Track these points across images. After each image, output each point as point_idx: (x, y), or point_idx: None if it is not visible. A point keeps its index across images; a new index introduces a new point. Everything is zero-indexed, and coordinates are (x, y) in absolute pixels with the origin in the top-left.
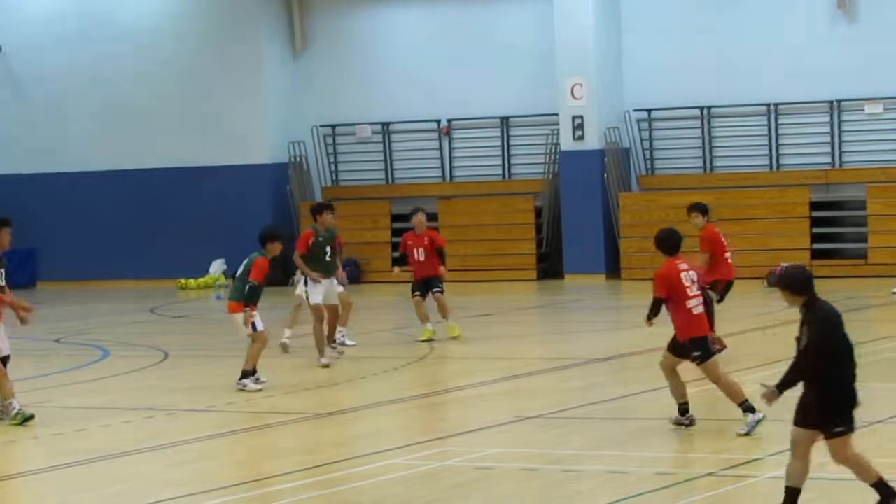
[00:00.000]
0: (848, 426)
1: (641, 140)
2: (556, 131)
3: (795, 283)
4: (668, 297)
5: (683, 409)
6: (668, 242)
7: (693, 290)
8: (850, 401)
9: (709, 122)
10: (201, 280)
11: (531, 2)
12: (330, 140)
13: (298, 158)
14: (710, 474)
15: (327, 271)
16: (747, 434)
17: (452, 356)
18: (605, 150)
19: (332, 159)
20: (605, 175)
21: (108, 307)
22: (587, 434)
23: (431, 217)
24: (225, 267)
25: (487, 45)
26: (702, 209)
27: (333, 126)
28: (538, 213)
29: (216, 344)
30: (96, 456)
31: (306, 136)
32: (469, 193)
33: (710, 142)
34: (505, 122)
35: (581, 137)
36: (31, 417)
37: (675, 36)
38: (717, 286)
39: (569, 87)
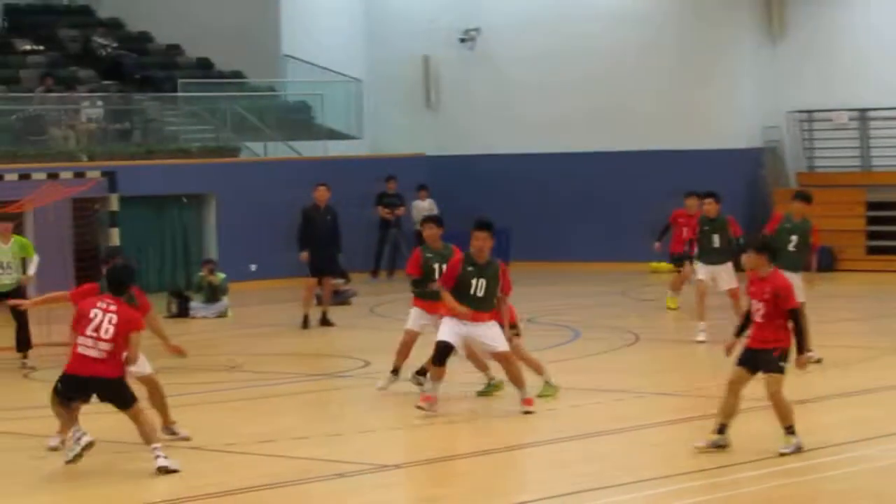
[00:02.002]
0: None
1: None
2: None
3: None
4: None
5: None
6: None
7: None
8: None
9: None
10: (672, 264)
11: None
12: (805, 126)
13: (773, 144)
14: None
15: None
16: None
17: None
18: None
19: (807, 145)
20: None
21: (580, 289)
22: None
23: None
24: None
25: None
26: None
27: (809, 112)
28: None
29: (685, 329)
30: (565, 436)
31: (781, 121)
32: None
33: None
34: None
35: None
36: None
37: None
38: None
39: None
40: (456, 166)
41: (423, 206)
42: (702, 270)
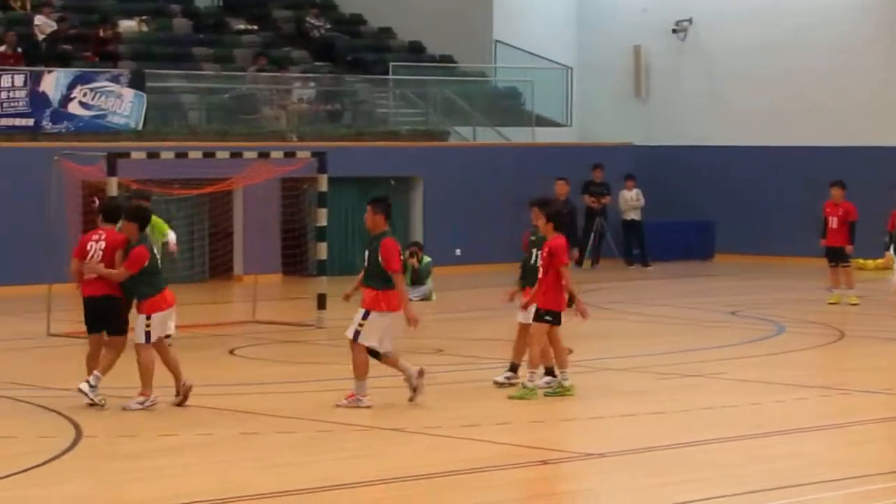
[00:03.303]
0: None
1: None
2: None
3: None
4: None
5: None
6: None
7: None
8: None
9: None
10: (879, 261)
11: None
12: None
13: None
14: None
15: None
16: None
17: None
18: None
19: None
20: None
21: (785, 283)
22: None
23: None
24: None
25: None
26: None
27: None
28: None
29: (891, 327)
30: (768, 431)
31: None
32: None
33: None
34: None
35: None
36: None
37: None
38: None
39: None
40: (664, 157)
41: (630, 195)
42: None
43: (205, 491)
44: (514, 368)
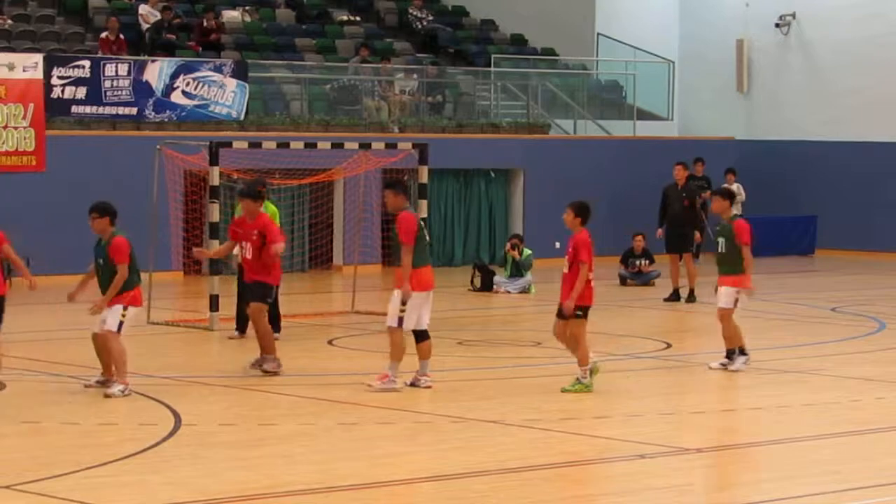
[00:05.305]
0: None
1: None
2: None
3: None
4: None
5: None
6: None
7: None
8: None
9: None
10: None
11: None
12: None
13: None
14: None
15: None
16: None
17: None
18: None
19: None
20: None
21: (887, 279)
22: None
23: None
24: None
25: None
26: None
27: None
28: None
29: None
30: (869, 428)
31: None
32: None
33: None
34: None
35: None
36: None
37: None
38: None
39: None
40: (765, 151)
41: (731, 189)
42: None
43: (303, 481)
44: (728, 355)
